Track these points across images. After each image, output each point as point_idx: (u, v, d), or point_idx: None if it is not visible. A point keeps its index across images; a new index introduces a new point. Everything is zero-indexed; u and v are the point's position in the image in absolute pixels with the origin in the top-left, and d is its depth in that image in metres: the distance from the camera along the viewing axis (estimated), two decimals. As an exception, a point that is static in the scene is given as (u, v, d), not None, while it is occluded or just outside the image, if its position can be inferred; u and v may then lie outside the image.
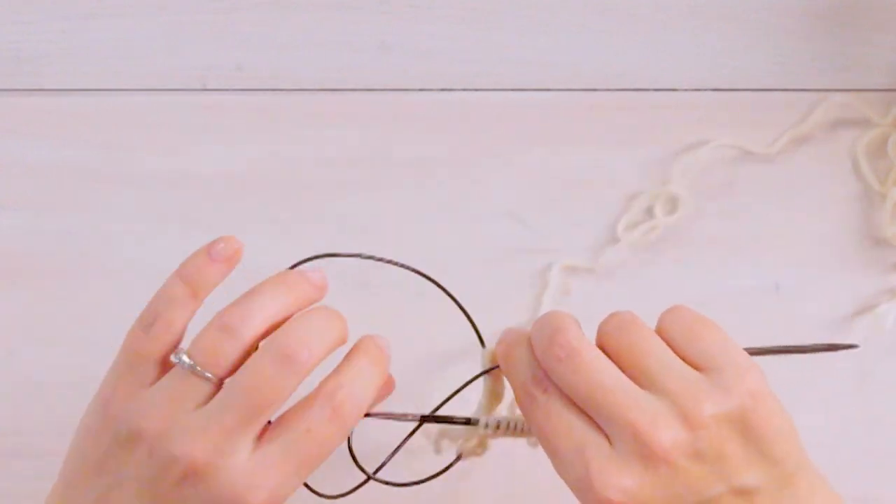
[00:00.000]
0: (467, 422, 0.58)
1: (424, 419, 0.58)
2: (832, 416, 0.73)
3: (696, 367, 0.52)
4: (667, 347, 0.52)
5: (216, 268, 0.55)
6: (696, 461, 0.49)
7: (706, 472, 0.49)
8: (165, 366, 0.54)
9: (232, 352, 0.52)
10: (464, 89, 0.78)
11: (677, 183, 0.76)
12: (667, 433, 0.49)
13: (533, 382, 0.52)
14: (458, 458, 0.59)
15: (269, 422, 0.52)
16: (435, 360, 0.74)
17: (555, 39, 0.78)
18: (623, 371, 0.52)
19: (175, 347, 0.54)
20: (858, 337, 0.74)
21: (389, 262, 0.59)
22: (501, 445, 0.60)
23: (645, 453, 0.49)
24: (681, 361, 0.52)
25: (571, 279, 0.75)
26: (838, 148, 0.77)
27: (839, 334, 0.74)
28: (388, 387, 0.57)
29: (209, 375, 0.51)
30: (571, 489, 0.50)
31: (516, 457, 0.68)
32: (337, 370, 0.53)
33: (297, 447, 0.50)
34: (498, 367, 0.57)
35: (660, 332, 0.54)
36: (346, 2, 0.78)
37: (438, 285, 0.59)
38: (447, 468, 0.59)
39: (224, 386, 0.52)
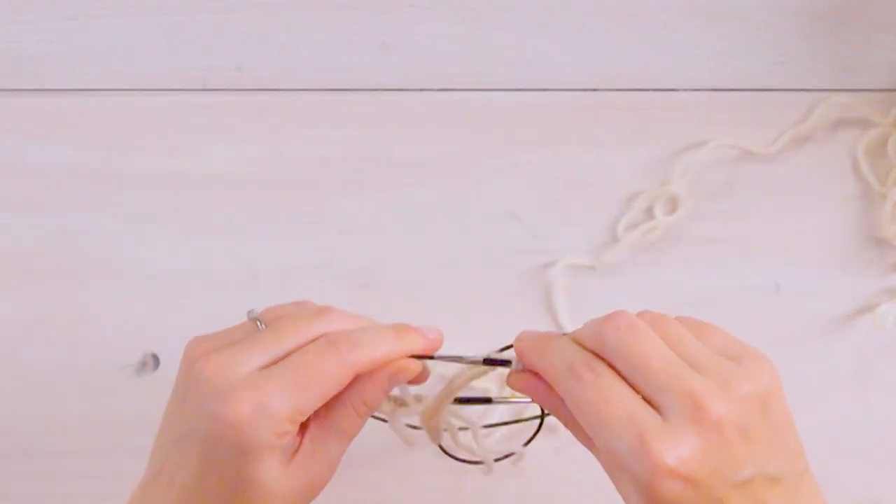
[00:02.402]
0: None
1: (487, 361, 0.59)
2: (832, 416, 0.73)
3: None
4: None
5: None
6: (740, 436, 0.50)
7: (745, 449, 0.50)
8: None
9: (289, 313, 0.57)
10: (464, 89, 0.78)
11: (677, 183, 0.76)
12: (720, 402, 0.50)
13: (580, 364, 0.53)
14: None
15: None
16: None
17: (555, 39, 0.78)
18: None
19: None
20: (858, 336, 0.74)
21: None
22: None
23: (700, 419, 0.50)
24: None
25: (572, 279, 0.75)
26: (838, 148, 0.77)
27: (839, 334, 0.74)
28: (423, 374, 0.59)
29: (259, 322, 0.56)
30: (617, 464, 0.50)
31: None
32: None
33: (292, 368, 0.54)
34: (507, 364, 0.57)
35: None
36: (346, 2, 0.78)
37: None
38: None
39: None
